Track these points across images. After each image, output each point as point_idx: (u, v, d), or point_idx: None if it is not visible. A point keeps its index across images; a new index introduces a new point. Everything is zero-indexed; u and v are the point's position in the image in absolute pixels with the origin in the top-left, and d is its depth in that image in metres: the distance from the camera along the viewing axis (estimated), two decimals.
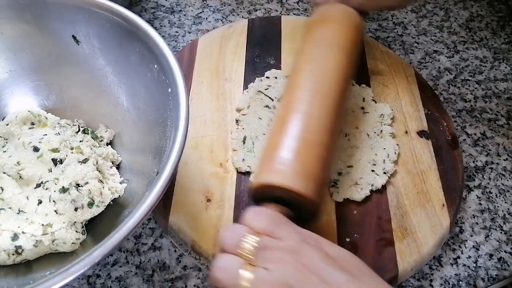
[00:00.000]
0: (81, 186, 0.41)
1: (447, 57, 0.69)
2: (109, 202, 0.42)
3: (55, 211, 0.40)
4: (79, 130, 0.47)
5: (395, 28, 0.72)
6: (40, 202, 0.40)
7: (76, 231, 0.40)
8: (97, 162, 0.44)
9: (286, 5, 0.73)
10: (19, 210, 0.39)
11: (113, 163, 0.46)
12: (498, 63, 0.69)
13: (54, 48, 0.46)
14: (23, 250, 0.38)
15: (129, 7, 0.57)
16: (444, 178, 0.50)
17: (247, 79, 0.57)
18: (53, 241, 0.39)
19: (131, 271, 0.45)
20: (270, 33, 0.63)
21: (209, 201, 0.46)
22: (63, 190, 0.40)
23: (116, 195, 0.43)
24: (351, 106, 0.54)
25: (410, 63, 0.66)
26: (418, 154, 0.52)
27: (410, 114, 0.55)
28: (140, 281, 0.44)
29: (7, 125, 0.45)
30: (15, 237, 0.38)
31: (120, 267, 0.45)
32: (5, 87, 0.47)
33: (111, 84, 0.47)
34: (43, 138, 0.43)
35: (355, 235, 0.45)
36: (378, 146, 0.51)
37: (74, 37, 0.45)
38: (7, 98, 0.48)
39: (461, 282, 0.47)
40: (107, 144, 0.47)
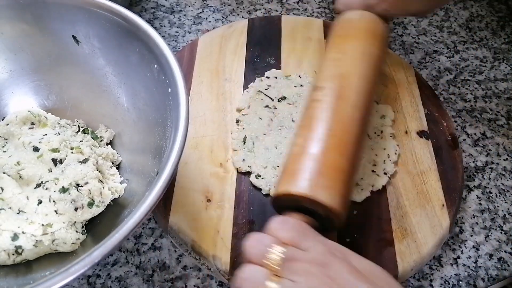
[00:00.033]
0: (81, 186, 0.41)
1: (447, 57, 0.69)
2: (109, 202, 0.43)
3: (55, 211, 0.40)
4: (79, 130, 0.47)
5: (395, 28, 0.72)
6: (40, 202, 0.40)
7: (76, 231, 0.40)
8: (97, 162, 0.44)
9: (286, 5, 0.73)
10: (19, 210, 0.39)
11: (113, 163, 0.46)
12: (498, 63, 0.69)
13: (54, 48, 0.46)
14: (23, 250, 0.38)
15: (129, 7, 0.57)
16: (444, 178, 0.50)
17: (247, 79, 0.57)
18: (53, 241, 0.39)
19: (131, 271, 0.45)
20: (270, 33, 0.63)
21: (209, 201, 0.46)
22: (63, 190, 0.40)
23: (116, 195, 0.43)
24: None
25: (410, 63, 0.66)
26: (418, 155, 0.52)
27: (410, 114, 0.55)
28: (140, 281, 0.44)
29: (7, 125, 0.45)
30: (15, 237, 0.38)
31: (120, 267, 0.45)
32: (5, 87, 0.47)
33: (111, 84, 0.47)
34: (43, 138, 0.43)
35: (355, 235, 0.45)
36: (379, 147, 0.51)
37: (74, 37, 0.45)
38: (7, 98, 0.48)
39: (461, 282, 0.47)
40: (107, 144, 0.47)
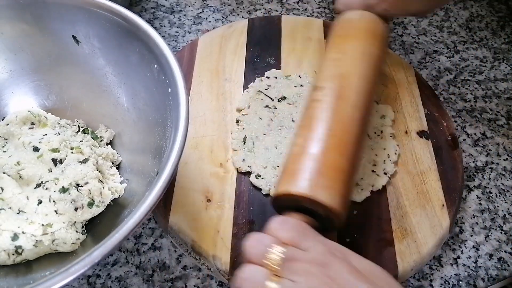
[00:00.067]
0: (81, 186, 0.41)
1: (447, 57, 0.69)
2: (109, 202, 0.43)
3: (55, 211, 0.40)
4: (79, 130, 0.47)
5: (395, 28, 0.72)
6: (40, 202, 0.40)
7: (76, 231, 0.40)
8: (97, 162, 0.44)
9: (286, 5, 0.73)
10: (19, 210, 0.39)
11: (113, 163, 0.46)
12: (498, 63, 0.69)
13: (54, 48, 0.46)
14: (23, 250, 0.38)
15: (129, 7, 0.57)
16: (444, 178, 0.50)
17: (247, 79, 0.57)
18: (53, 241, 0.39)
19: (131, 271, 0.45)
20: (270, 33, 0.63)
21: (209, 201, 0.46)
22: (63, 190, 0.40)
23: (116, 195, 0.43)
24: None
25: (410, 63, 0.66)
26: (418, 155, 0.52)
27: (410, 114, 0.55)
28: (140, 281, 0.44)
29: (7, 125, 0.45)
30: (15, 237, 0.38)
31: (120, 267, 0.45)
32: (5, 87, 0.47)
33: (111, 84, 0.47)
34: (43, 138, 0.43)
35: (355, 235, 0.45)
36: (379, 147, 0.51)
37: (74, 37, 0.45)
38: (7, 98, 0.48)
39: (461, 282, 0.47)
40: (107, 144, 0.47)
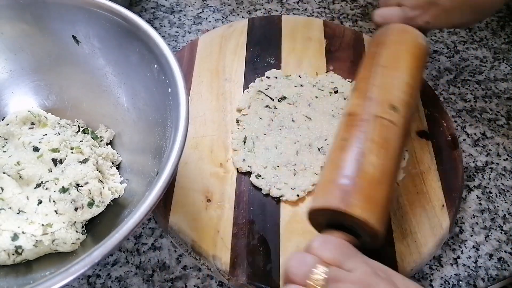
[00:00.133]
0: (81, 186, 0.41)
1: (447, 57, 0.69)
2: (109, 202, 0.43)
3: (55, 211, 0.40)
4: (79, 130, 0.47)
5: None
6: (40, 202, 0.40)
7: (76, 231, 0.40)
8: (97, 162, 0.44)
9: (286, 5, 0.73)
10: (19, 210, 0.39)
11: (113, 163, 0.46)
12: (498, 63, 0.69)
13: (54, 48, 0.46)
14: (23, 250, 0.38)
15: (129, 7, 0.57)
16: (444, 178, 0.50)
17: (247, 79, 0.57)
18: (53, 241, 0.39)
19: (131, 271, 0.45)
20: (270, 33, 0.63)
21: (209, 201, 0.46)
22: (63, 190, 0.40)
23: (116, 195, 0.43)
24: None
25: None
26: (418, 155, 0.52)
27: None
28: (140, 281, 0.44)
29: (7, 125, 0.45)
30: (15, 237, 0.38)
31: (120, 267, 0.45)
32: (5, 87, 0.47)
33: (111, 84, 0.47)
34: (43, 138, 0.43)
35: None
36: None
37: (74, 37, 0.45)
38: (7, 98, 0.48)
39: (461, 282, 0.47)
40: (107, 144, 0.47)
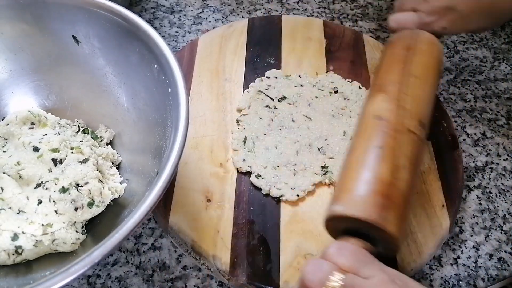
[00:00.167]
0: (81, 186, 0.41)
1: (447, 57, 0.69)
2: (109, 202, 0.43)
3: (55, 211, 0.40)
4: (79, 130, 0.47)
5: None
6: (40, 202, 0.40)
7: (76, 231, 0.40)
8: (97, 162, 0.44)
9: (286, 5, 0.73)
10: (19, 210, 0.39)
11: (113, 163, 0.46)
12: (498, 63, 0.69)
13: (54, 48, 0.46)
14: (23, 250, 0.38)
15: (129, 7, 0.57)
16: (444, 179, 0.50)
17: (247, 79, 0.57)
18: (53, 241, 0.39)
19: (131, 271, 0.45)
20: (270, 33, 0.63)
21: (209, 201, 0.46)
22: (63, 190, 0.40)
23: (116, 195, 0.43)
24: (353, 108, 0.54)
25: None
26: None
27: None
28: (140, 281, 0.44)
29: (7, 125, 0.45)
30: (15, 237, 0.38)
31: (120, 267, 0.45)
32: (5, 87, 0.47)
33: (111, 84, 0.47)
34: (43, 138, 0.43)
35: None
36: None
37: (74, 37, 0.45)
38: (7, 98, 0.48)
39: (461, 282, 0.47)
40: (107, 144, 0.47)
